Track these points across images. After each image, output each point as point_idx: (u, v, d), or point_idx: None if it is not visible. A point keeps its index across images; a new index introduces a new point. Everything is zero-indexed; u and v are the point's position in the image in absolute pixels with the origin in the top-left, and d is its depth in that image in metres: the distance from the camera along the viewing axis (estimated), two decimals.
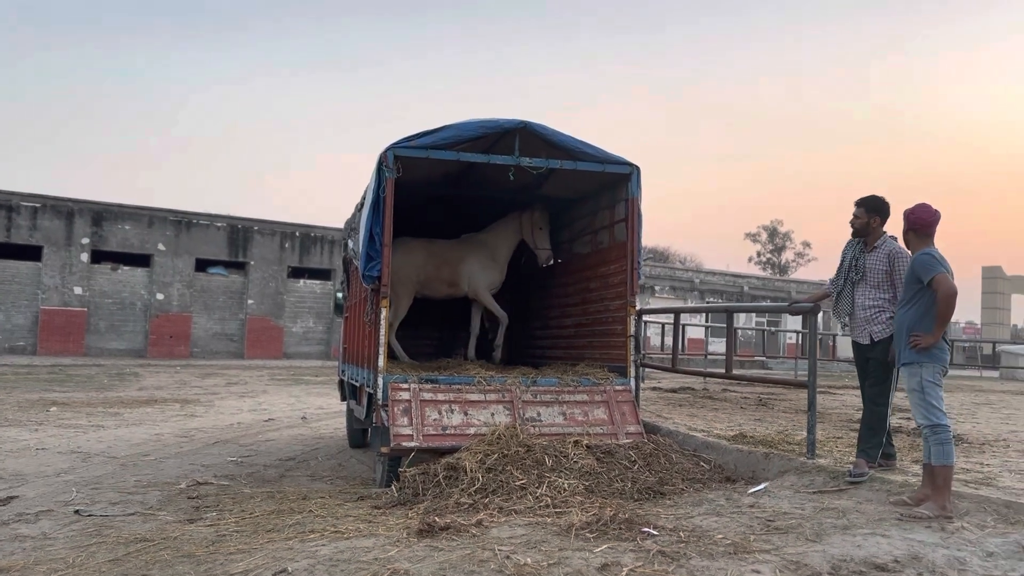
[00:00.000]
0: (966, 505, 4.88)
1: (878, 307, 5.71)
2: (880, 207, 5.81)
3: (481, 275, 9.28)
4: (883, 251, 5.74)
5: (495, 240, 9.38)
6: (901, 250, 5.68)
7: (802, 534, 4.56)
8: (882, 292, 5.70)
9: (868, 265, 5.77)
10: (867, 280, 5.78)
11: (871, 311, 5.74)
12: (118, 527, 5.84)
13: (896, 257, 5.67)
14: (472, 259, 9.24)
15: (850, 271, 5.88)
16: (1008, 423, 9.92)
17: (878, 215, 5.81)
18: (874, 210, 5.81)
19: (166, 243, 29.54)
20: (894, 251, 5.70)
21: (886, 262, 5.70)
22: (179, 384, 19.61)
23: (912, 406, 5.18)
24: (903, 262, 5.60)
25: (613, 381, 7.43)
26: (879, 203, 5.82)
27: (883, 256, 5.72)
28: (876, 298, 5.72)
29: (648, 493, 5.96)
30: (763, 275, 58.56)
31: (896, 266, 5.65)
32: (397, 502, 5.97)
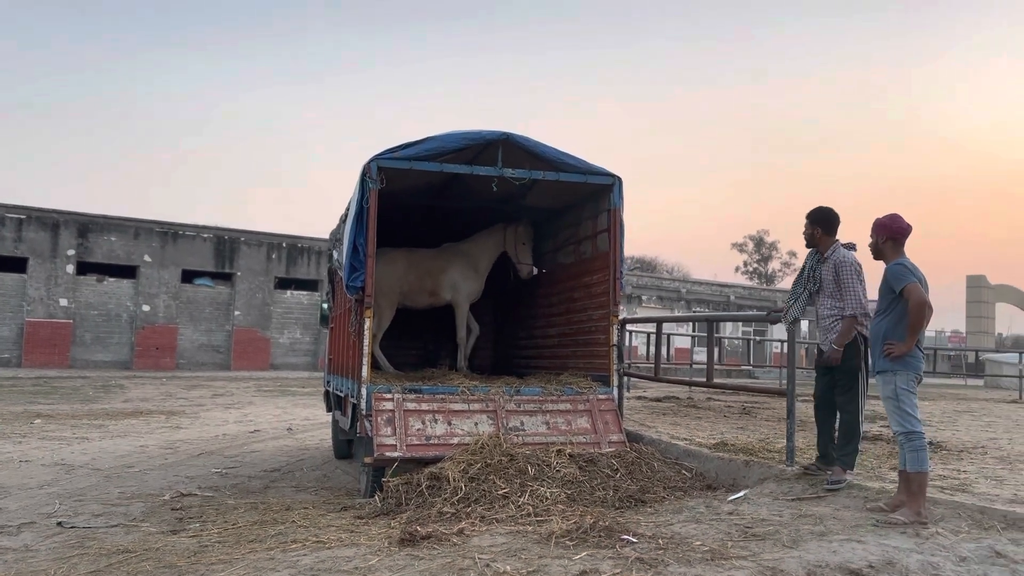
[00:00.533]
0: (941, 511, 4.95)
1: (834, 316, 5.83)
2: (821, 218, 5.99)
3: (463, 285, 9.34)
4: (831, 261, 5.89)
5: (477, 250, 9.42)
6: (844, 258, 5.82)
7: (779, 540, 4.62)
8: (836, 301, 5.83)
9: (822, 275, 5.93)
10: (823, 290, 5.94)
11: (829, 320, 5.87)
12: (100, 538, 5.84)
13: (840, 266, 5.80)
14: (453, 269, 9.30)
15: (808, 281, 6.05)
16: (988, 431, 10.03)
17: (820, 226, 5.98)
18: (816, 221, 6.00)
19: (152, 254, 29.43)
20: (839, 260, 5.84)
21: (833, 271, 5.84)
22: (165, 396, 19.53)
23: (887, 413, 5.26)
24: (844, 269, 5.76)
25: (596, 390, 7.48)
26: (821, 214, 6.00)
27: (831, 266, 5.87)
28: (832, 307, 5.85)
29: (629, 501, 6.00)
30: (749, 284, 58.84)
31: (840, 274, 5.79)
32: (380, 512, 5.99)
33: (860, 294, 5.73)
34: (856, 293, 5.72)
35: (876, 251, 5.40)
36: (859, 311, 5.69)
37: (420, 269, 9.31)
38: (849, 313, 5.70)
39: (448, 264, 9.36)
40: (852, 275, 5.75)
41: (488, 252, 9.40)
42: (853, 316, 5.69)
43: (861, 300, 5.72)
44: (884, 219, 5.36)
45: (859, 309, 5.69)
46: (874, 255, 5.44)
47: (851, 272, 5.75)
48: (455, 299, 9.39)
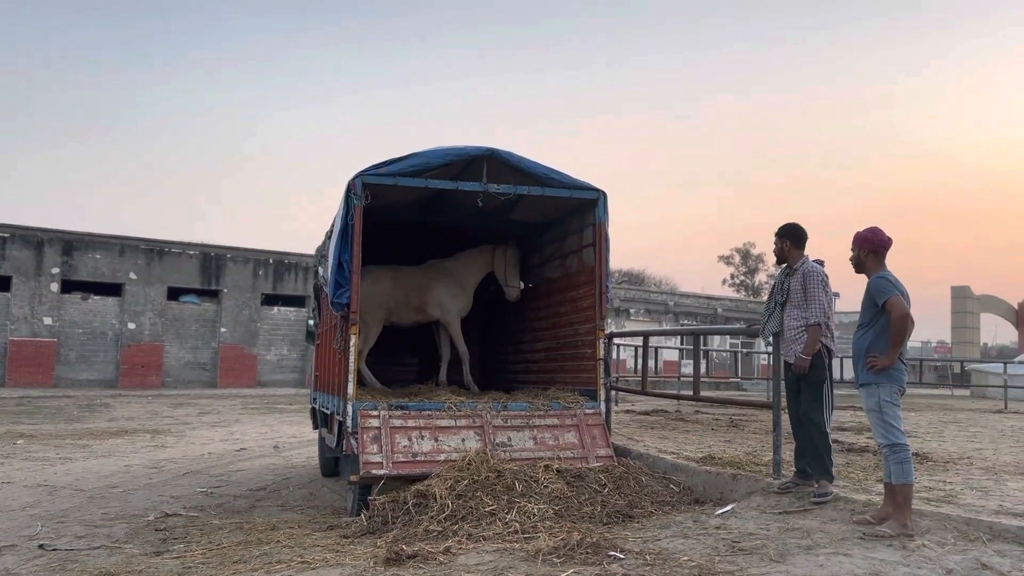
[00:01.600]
0: (927, 523, 4.95)
1: (800, 327, 5.92)
2: (789, 233, 6.14)
3: (452, 302, 9.34)
4: (800, 272, 6.01)
5: (464, 269, 9.45)
6: (812, 269, 5.95)
7: (766, 555, 4.61)
8: (802, 311, 5.92)
9: (791, 287, 6.04)
10: (791, 301, 6.03)
11: (795, 331, 5.96)
12: (83, 561, 5.77)
13: (808, 276, 5.93)
14: (440, 286, 9.30)
15: (777, 294, 6.17)
16: (973, 441, 10.06)
17: (788, 239, 6.13)
18: (785, 235, 6.15)
19: (137, 272, 29.25)
20: (807, 271, 5.96)
21: (801, 281, 5.95)
22: (150, 415, 19.38)
23: (871, 426, 5.28)
24: (811, 279, 5.89)
25: (583, 405, 7.48)
26: (790, 229, 6.16)
27: (799, 276, 5.98)
28: (798, 317, 5.95)
29: (617, 516, 5.99)
30: (736, 297, 59.07)
31: (807, 283, 5.90)
32: (366, 531, 5.96)
33: (825, 304, 5.84)
34: (821, 302, 5.83)
35: (858, 264, 5.43)
36: (823, 320, 5.79)
37: (406, 286, 9.30)
38: (814, 321, 5.80)
39: (434, 281, 9.36)
40: (818, 284, 5.87)
41: (475, 271, 9.45)
42: (818, 324, 5.79)
43: (825, 309, 5.83)
44: (865, 232, 5.40)
45: (823, 318, 5.79)
46: (855, 268, 5.47)
47: (817, 282, 5.87)
48: (445, 317, 9.39)
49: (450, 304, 9.32)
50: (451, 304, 9.32)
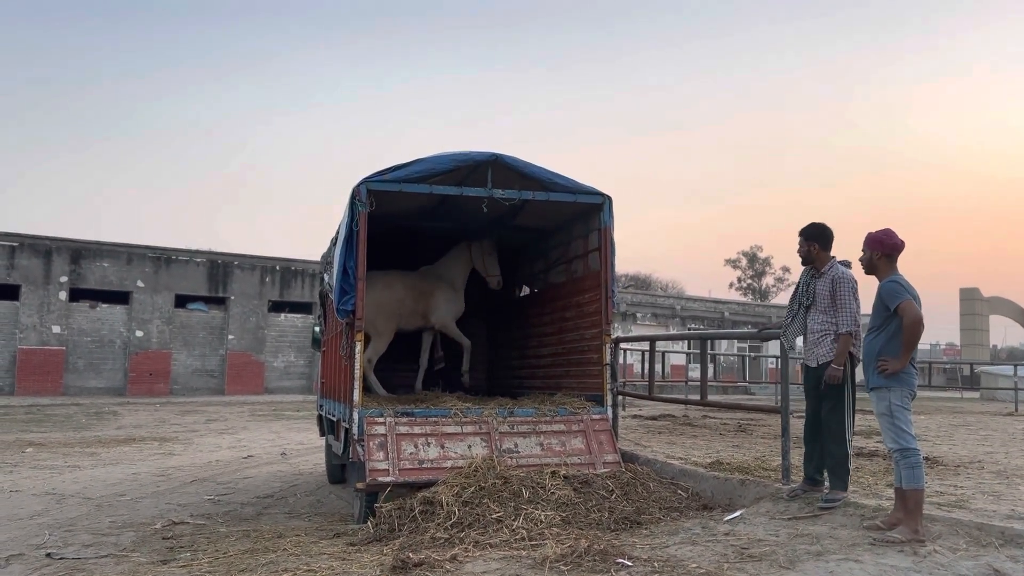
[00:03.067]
0: (939, 528, 4.90)
1: (824, 331, 5.77)
2: (817, 235, 5.94)
3: (447, 307, 9.48)
4: (828, 276, 5.83)
5: (450, 272, 9.58)
6: (843, 275, 5.77)
7: (775, 561, 4.57)
8: (829, 316, 5.77)
9: (817, 291, 5.86)
10: (816, 305, 5.86)
11: (818, 335, 5.81)
12: (90, 570, 5.77)
13: (838, 282, 5.75)
14: (439, 292, 9.38)
15: (802, 296, 5.99)
16: (984, 444, 9.99)
17: (816, 242, 5.93)
18: (812, 237, 5.95)
19: (145, 280, 29.32)
20: (837, 276, 5.78)
21: (830, 286, 5.78)
22: (158, 422, 19.39)
23: (882, 430, 5.23)
24: (842, 285, 5.71)
25: (590, 410, 7.44)
26: (816, 231, 5.96)
27: (828, 281, 5.81)
28: (823, 322, 5.78)
29: (625, 523, 5.94)
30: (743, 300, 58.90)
31: (837, 290, 5.73)
32: (373, 538, 5.92)
33: (855, 311, 5.67)
34: (852, 310, 5.66)
35: (869, 266, 5.36)
36: (854, 327, 5.64)
37: (415, 291, 9.35)
38: (844, 330, 5.63)
39: (434, 287, 9.46)
40: (848, 292, 5.69)
41: (460, 271, 9.58)
42: (849, 333, 5.62)
43: (856, 317, 5.67)
44: (878, 234, 5.33)
45: (854, 326, 5.64)
46: (866, 270, 5.41)
47: (848, 289, 5.70)
48: (443, 321, 9.48)
49: (444, 308, 9.46)
50: (445, 308, 9.46)
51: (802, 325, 5.97)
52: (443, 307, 9.40)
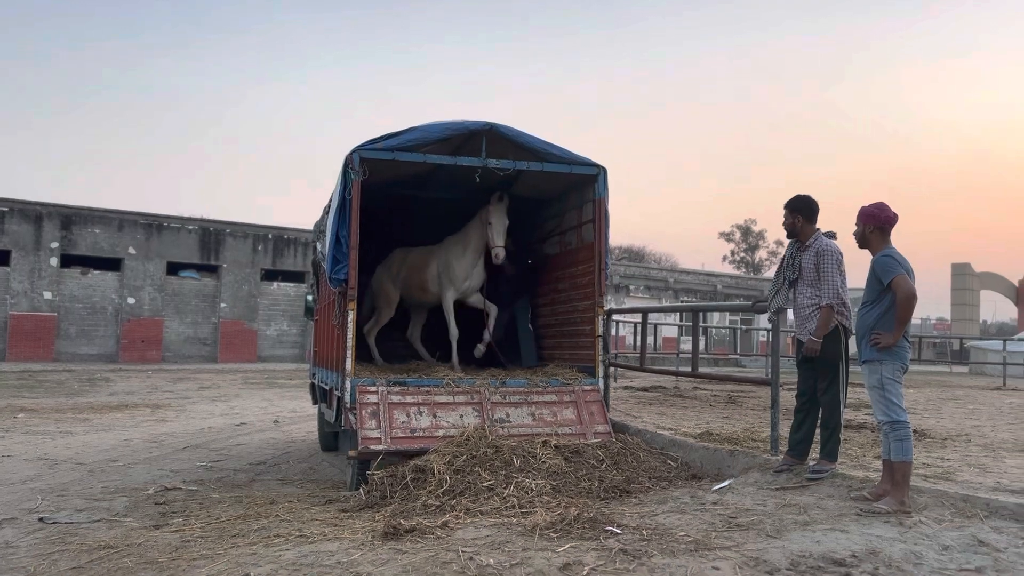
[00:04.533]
0: (924, 499, 4.96)
1: (813, 305, 5.72)
2: (802, 206, 5.89)
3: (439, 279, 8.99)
4: (813, 249, 5.78)
5: (468, 239, 8.79)
6: (827, 247, 5.72)
7: (763, 530, 4.61)
8: (816, 290, 5.73)
9: (803, 264, 5.82)
10: (803, 279, 5.82)
11: (808, 309, 5.76)
12: (82, 534, 5.78)
13: (822, 255, 5.70)
14: (433, 264, 8.98)
15: (787, 270, 5.95)
16: (972, 418, 10.08)
17: (801, 214, 5.87)
18: (797, 209, 5.89)
19: (137, 247, 29.17)
20: (821, 249, 5.73)
21: (815, 259, 5.74)
22: (151, 389, 19.42)
23: (872, 402, 5.25)
24: (826, 258, 5.66)
25: (582, 381, 7.46)
26: (800, 202, 5.90)
27: (813, 254, 5.77)
28: (812, 296, 5.75)
29: (615, 492, 5.99)
30: (736, 274, 58.97)
31: (821, 262, 5.69)
32: (364, 505, 5.97)
33: (838, 284, 5.63)
34: (834, 283, 5.62)
35: (862, 240, 5.34)
36: (836, 301, 5.60)
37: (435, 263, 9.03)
38: (826, 303, 5.60)
39: (434, 258, 9.04)
40: (832, 264, 5.64)
41: (476, 237, 8.65)
42: (830, 306, 5.59)
43: (839, 290, 5.62)
44: (871, 207, 5.30)
45: (836, 299, 5.59)
46: (859, 243, 5.39)
47: (832, 261, 5.65)
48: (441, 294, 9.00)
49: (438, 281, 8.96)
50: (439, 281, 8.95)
51: (786, 298, 5.94)
52: (458, 278, 8.73)
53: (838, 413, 5.65)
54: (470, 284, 8.67)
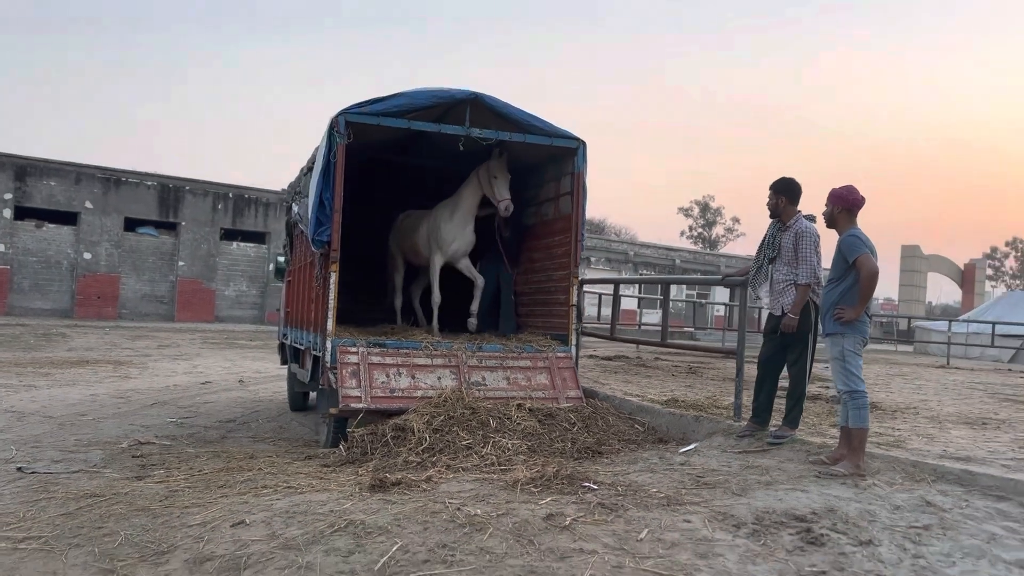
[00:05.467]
0: (878, 464, 5.31)
1: (788, 281, 6.03)
2: (786, 188, 6.16)
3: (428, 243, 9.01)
4: (793, 230, 6.07)
5: (460, 202, 8.72)
6: (806, 229, 6.02)
7: (729, 489, 4.93)
8: (792, 268, 6.03)
9: (783, 243, 6.11)
10: (781, 257, 6.11)
11: (782, 284, 6.07)
12: (65, 484, 5.83)
13: (801, 236, 6.00)
14: (423, 227, 9.05)
15: (767, 248, 6.24)
16: (919, 393, 10.59)
17: (785, 195, 6.15)
18: (781, 191, 6.17)
19: (94, 201, 28.58)
20: (800, 230, 6.02)
21: (794, 239, 6.03)
22: (109, 346, 19.24)
23: (833, 373, 5.59)
24: (804, 239, 5.97)
25: (555, 348, 7.70)
26: (785, 185, 6.18)
27: (792, 235, 6.06)
28: (788, 273, 6.05)
29: (587, 452, 6.27)
30: (694, 249, 59.81)
31: (800, 243, 5.98)
32: (346, 461, 6.14)
33: (815, 264, 5.94)
34: (811, 263, 5.92)
35: (830, 220, 5.64)
36: (812, 280, 5.91)
37: (427, 226, 9.05)
38: (803, 281, 5.90)
39: (439, 220, 8.90)
40: (810, 245, 5.94)
41: (469, 199, 8.65)
42: (807, 285, 5.90)
43: (815, 270, 5.94)
44: (840, 190, 5.60)
45: (812, 278, 5.91)
46: (827, 223, 5.69)
47: (810, 243, 5.95)
48: (451, 255, 8.88)
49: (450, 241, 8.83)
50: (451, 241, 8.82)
51: (767, 275, 6.22)
52: (444, 240, 8.71)
53: (804, 384, 5.98)
54: (457, 247, 8.68)
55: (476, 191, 8.51)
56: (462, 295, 9.06)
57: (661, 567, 3.68)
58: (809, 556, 3.87)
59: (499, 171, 8.26)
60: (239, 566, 3.80)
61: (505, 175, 8.27)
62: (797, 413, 6.03)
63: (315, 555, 3.83)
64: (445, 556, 3.75)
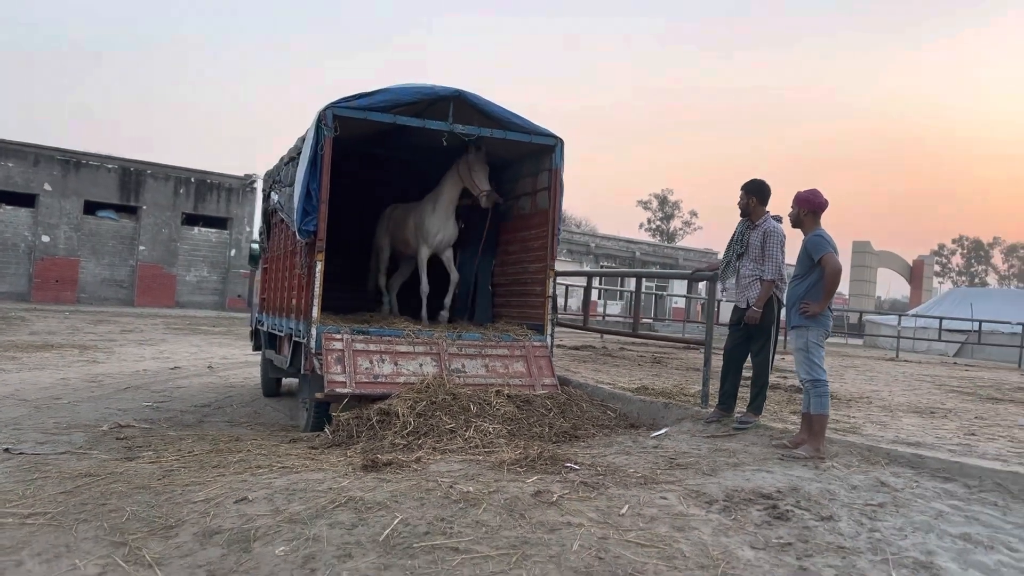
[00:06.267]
0: (836, 448, 5.72)
1: (754, 276, 6.45)
2: (756, 189, 6.56)
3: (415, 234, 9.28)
4: (761, 229, 6.47)
5: (441, 195, 8.98)
6: (773, 229, 6.42)
7: (700, 469, 5.29)
8: (759, 265, 6.44)
9: (751, 241, 6.51)
10: (748, 254, 6.52)
11: (748, 279, 6.48)
12: (55, 464, 5.92)
13: (769, 235, 6.40)
14: (426, 216, 9.09)
15: (736, 245, 6.63)
16: (871, 384, 11.14)
17: (755, 196, 6.54)
18: (752, 192, 6.56)
19: (53, 183, 28.14)
20: (768, 230, 6.43)
21: (762, 238, 6.43)
22: (71, 330, 19.07)
23: (796, 363, 5.98)
24: (772, 238, 6.37)
25: (531, 337, 8.00)
26: (755, 186, 6.57)
27: (760, 233, 6.46)
28: (754, 269, 6.46)
29: (564, 436, 6.59)
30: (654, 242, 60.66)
31: (767, 242, 6.38)
32: (332, 443, 6.35)
33: (780, 262, 6.35)
34: (777, 261, 6.33)
35: (796, 221, 6.04)
36: (777, 276, 6.33)
37: (411, 218, 9.33)
38: (768, 278, 6.32)
39: (422, 212, 9.17)
40: (776, 244, 6.35)
41: (449, 192, 8.91)
42: (772, 281, 6.31)
43: (780, 268, 6.35)
44: (806, 193, 5.99)
45: (777, 275, 6.32)
46: (793, 224, 6.09)
47: (776, 242, 6.35)
48: (434, 247, 9.13)
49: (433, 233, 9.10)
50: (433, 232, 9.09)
51: (735, 270, 6.63)
52: (430, 232, 8.94)
53: (767, 373, 6.39)
54: (442, 238, 8.97)
55: (456, 184, 8.79)
56: (435, 286, 9.32)
57: (642, 538, 4.01)
58: (776, 529, 4.23)
59: (477, 164, 8.52)
60: (248, 538, 4.03)
61: (484, 167, 8.54)
62: (761, 400, 6.43)
63: (320, 528, 4.09)
64: (444, 528, 4.04)
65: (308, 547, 3.86)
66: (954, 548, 4.09)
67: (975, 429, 7.07)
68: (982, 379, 13.63)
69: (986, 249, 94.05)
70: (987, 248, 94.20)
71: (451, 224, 8.99)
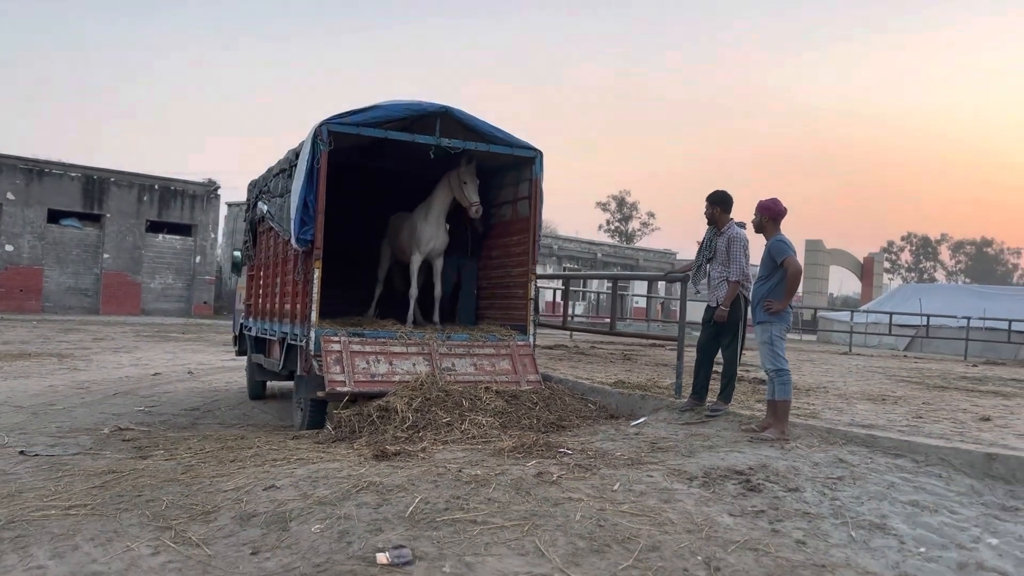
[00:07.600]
0: (798, 431, 6.35)
1: (721, 278, 7.06)
2: (720, 200, 7.18)
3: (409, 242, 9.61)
4: (726, 235, 7.09)
5: (433, 205, 9.33)
6: (737, 234, 7.03)
7: (679, 452, 5.88)
8: (725, 267, 7.05)
9: (718, 246, 7.14)
10: (716, 258, 7.14)
11: (716, 281, 7.10)
12: (74, 464, 6.23)
13: (733, 240, 7.02)
14: (420, 225, 9.45)
15: (705, 251, 7.26)
16: (827, 375, 11.91)
17: (719, 206, 7.17)
18: (716, 202, 7.18)
19: (15, 192, 27.95)
20: (732, 235, 7.05)
21: (727, 243, 7.06)
22: (42, 339, 19.09)
23: (761, 355, 6.61)
24: (735, 243, 6.97)
25: (515, 337, 8.54)
26: (719, 197, 7.19)
27: (725, 239, 7.08)
28: (722, 272, 7.07)
29: (551, 427, 7.13)
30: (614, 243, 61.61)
31: (731, 246, 7.00)
32: (335, 439, 6.77)
33: (744, 264, 6.97)
34: (740, 263, 6.95)
35: (759, 227, 6.69)
36: (741, 277, 6.95)
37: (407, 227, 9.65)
38: (734, 279, 6.93)
39: (416, 221, 9.51)
40: (740, 249, 6.97)
41: (440, 203, 9.26)
42: (737, 281, 6.93)
43: (744, 269, 6.96)
44: (767, 202, 6.64)
45: (741, 276, 6.94)
46: (756, 229, 6.74)
47: (740, 246, 6.98)
48: (426, 254, 9.47)
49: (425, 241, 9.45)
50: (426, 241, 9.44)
51: (705, 273, 7.26)
52: (422, 240, 9.31)
53: (735, 365, 7.03)
54: (434, 246, 9.37)
55: (447, 195, 9.19)
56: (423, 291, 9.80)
57: (635, 509, 4.57)
58: (750, 499, 4.83)
59: (468, 177, 8.93)
60: (284, 519, 4.50)
61: (474, 180, 8.96)
62: (730, 390, 7.06)
63: (348, 508, 4.57)
64: (461, 504, 4.56)
65: (341, 524, 4.35)
66: (904, 512, 4.73)
67: (922, 413, 7.78)
68: (930, 370, 14.53)
69: (934, 246, 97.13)
70: (935, 245, 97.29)
71: (442, 233, 9.42)
